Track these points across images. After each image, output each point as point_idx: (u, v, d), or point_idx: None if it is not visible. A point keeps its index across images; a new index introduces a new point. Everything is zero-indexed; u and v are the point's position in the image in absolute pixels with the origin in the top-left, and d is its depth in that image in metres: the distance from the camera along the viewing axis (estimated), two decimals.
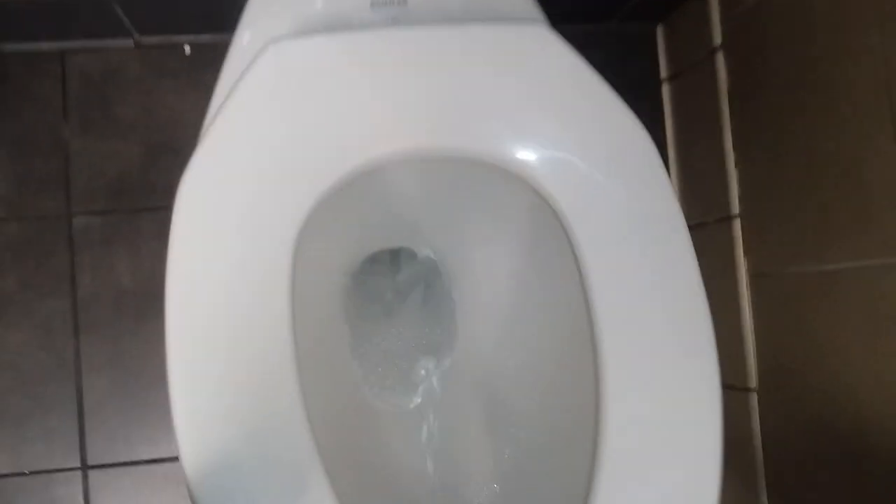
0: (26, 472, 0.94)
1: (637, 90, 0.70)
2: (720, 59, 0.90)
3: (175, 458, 0.95)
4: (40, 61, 0.97)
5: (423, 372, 0.77)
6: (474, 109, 0.58)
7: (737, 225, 0.89)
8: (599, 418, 0.53)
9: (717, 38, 0.90)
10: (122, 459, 0.95)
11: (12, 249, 0.95)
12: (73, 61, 0.97)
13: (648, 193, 0.58)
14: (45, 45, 0.96)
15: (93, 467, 0.94)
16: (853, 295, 0.71)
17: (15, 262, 0.95)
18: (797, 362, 0.82)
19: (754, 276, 0.88)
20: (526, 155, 0.58)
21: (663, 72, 1.05)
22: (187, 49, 0.97)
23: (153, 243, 0.95)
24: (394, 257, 0.78)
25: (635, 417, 0.54)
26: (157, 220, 0.96)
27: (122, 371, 0.95)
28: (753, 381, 0.90)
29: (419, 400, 0.76)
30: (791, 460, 0.85)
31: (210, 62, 0.86)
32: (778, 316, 0.85)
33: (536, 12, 0.68)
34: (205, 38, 0.97)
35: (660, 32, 1.05)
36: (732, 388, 0.94)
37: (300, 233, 0.56)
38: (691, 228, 0.59)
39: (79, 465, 0.94)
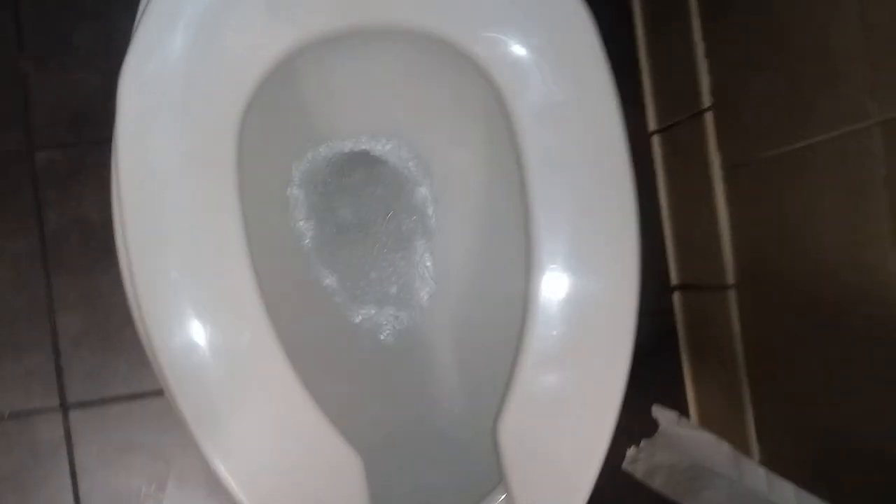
0: (4, 415, 0.92)
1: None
2: None
3: (154, 393, 0.94)
4: None
5: (393, 290, 0.76)
6: None
7: (709, 119, 0.88)
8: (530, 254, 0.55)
9: None
10: (101, 396, 0.93)
11: None
12: None
13: (584, 70, 0.58)
14: None
15: (73, 406, 0.93)
16: (826, 168, 0.71)
17: None
18: (774, 251, 0.82)
19: (728, 169, 0.87)
20: (475, 37, 0.58)
21: None
22: None
23: None
24: (359, 165, 0.77)
25: (562, 252, 0.55)
26: None
27: (95, 307, 0.94)
28: (731, 278, 0.90)
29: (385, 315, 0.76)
30: (771, 351, 0.85)
31: None
32: (753, 206, 0.84)
33: None
34: None
35: None
36: (710, 287, 0.94)
37: (244, 114, 0.55)
38: (666, 129, 0.59)
39: (58, 404, 0.93)
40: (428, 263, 0.74)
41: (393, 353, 0.73)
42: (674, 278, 1.03)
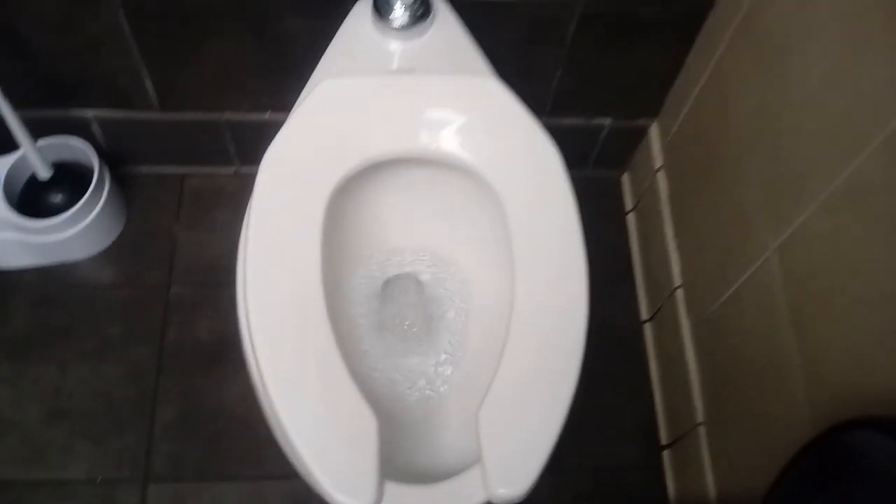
0: (97, 480, 1.13)
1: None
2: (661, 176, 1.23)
3: (218, 477, 1.14)
4: (166, 180, 1.34)
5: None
6: (443, 130, 0.89)
7: (679, 294, 1.15)
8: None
9: (659, 162, 1.24)
10: (176, 475, 1.14)
11: (119, 306, 1.24)
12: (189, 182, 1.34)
13: (551, 187, 0.87)
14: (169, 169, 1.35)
15: (152, 479, 1.13)
16: (748, 306, 0.95)
17: (118, 313, 1.24)
18: (734, 387, 1.02)
19: (694, 327, 1.11)
20: (482, 160, 0.89)
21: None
22: None
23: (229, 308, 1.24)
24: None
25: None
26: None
27: (189, 404, 1.18)
28: (700, 417, 1.09)
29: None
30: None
31: None
32: (712, 353, 1.07)
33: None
34: None
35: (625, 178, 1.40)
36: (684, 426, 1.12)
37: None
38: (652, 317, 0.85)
39: (140, 476, 1.13)
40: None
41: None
42: (663, 438, 1.21)
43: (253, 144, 1.05)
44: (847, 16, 0.75)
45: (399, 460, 0.81)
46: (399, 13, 0.90)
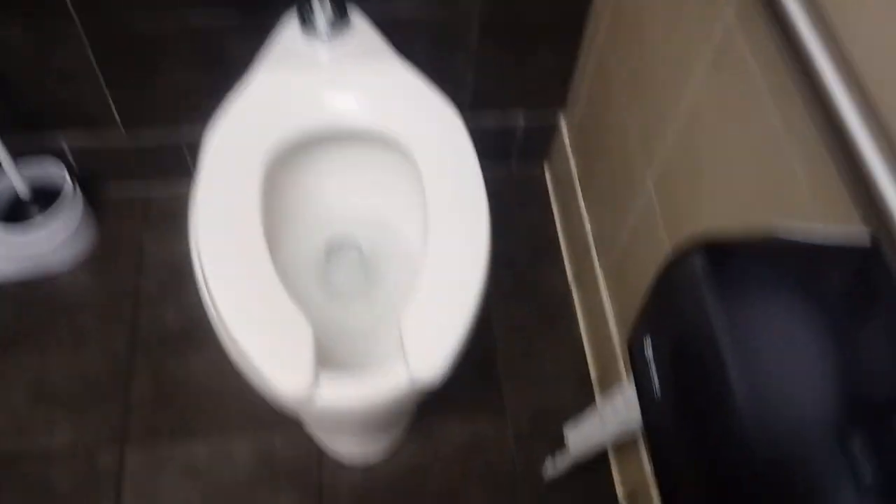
0: None
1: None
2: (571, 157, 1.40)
3: None
4: (134, 197, 1.49)
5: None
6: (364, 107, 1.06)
7: (594, 254, 1.30)
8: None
9: (569, 146, 1.41)
10: None
11: (94, 303, 1.38)
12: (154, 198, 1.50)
13: (456, 148, 1.03)
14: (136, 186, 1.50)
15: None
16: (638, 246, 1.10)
17: (93, 308, 1.37)
18: None
19: (604, 270, 1.26)
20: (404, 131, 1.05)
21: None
22: None
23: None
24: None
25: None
26: None
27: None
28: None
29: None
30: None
31: None
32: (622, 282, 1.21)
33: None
34: None
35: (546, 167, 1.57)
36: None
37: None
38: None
39: None
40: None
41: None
42: (594, 378, 1.35)
43: None
44: None
45: (333, 353, 0.95)
46: (320, 18, 1.07)
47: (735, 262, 0.69)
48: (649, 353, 0.75)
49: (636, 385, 0.78)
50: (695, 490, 0.68)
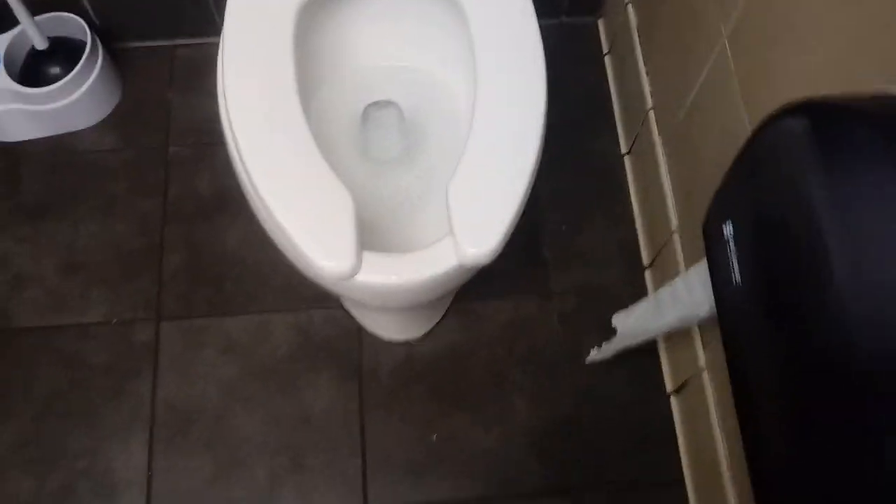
0: (112, 321, 1.22)
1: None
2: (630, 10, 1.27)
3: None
4: (157, 52, 1.40)
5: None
6: None
7: (651, 115, 1.20)
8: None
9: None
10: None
11: (123, 168, 1.32)
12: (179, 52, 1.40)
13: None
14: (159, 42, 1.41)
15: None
16: (709, 104, 0.99)
17: (123, 173, 1.31)
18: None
19: (664, 146, 1.16)
20: None
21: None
22: None
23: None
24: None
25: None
26: None
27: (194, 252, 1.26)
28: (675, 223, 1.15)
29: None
30: None
31: None
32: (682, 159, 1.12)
33: None
34: None
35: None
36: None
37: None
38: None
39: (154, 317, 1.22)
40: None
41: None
42: (645, 259, 1.27)
43: None
44: None
45: (376, 245, 0.88)
46: None
47: (842, 126, 0.59)
48: (728, 231, 0.67)
49: (711, 269, 0.71)
50: (778, 384, 0.61)
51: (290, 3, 0.91)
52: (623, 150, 1.35)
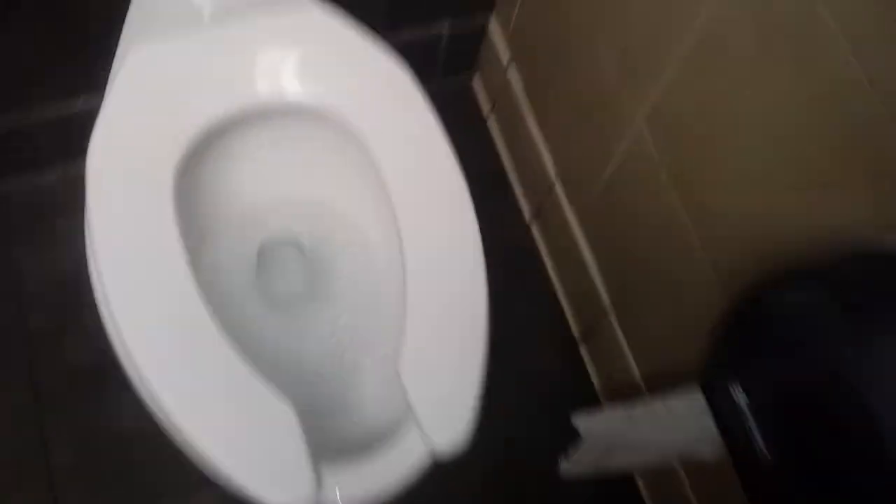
0: None
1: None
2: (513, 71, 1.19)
3: None
4: None
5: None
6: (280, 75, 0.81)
7: (559, 188, 1.13)
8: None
9: (507, 57, 1.20)
10: None
11: None
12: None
13: (408, 112, 0.83)
14: None
15: None
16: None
17: None
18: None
19: (578, 213, 1.10)
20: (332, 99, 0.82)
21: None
22: None
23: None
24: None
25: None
26: None
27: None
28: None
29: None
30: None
31: None
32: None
33: None
34: None
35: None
36: None
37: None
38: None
39: None
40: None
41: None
42: (576, 333, 1.21)
43: (73, 139, 0.93)
44: None
45: (324, 427, 0.76)
46: None
47: (860, 293, 0.54)
48: (742, 399, 0.61)
49: (724, 435, 0.65)
50: None
51: (164, 163, 0.77)
52: (527, 217, 1.27)
